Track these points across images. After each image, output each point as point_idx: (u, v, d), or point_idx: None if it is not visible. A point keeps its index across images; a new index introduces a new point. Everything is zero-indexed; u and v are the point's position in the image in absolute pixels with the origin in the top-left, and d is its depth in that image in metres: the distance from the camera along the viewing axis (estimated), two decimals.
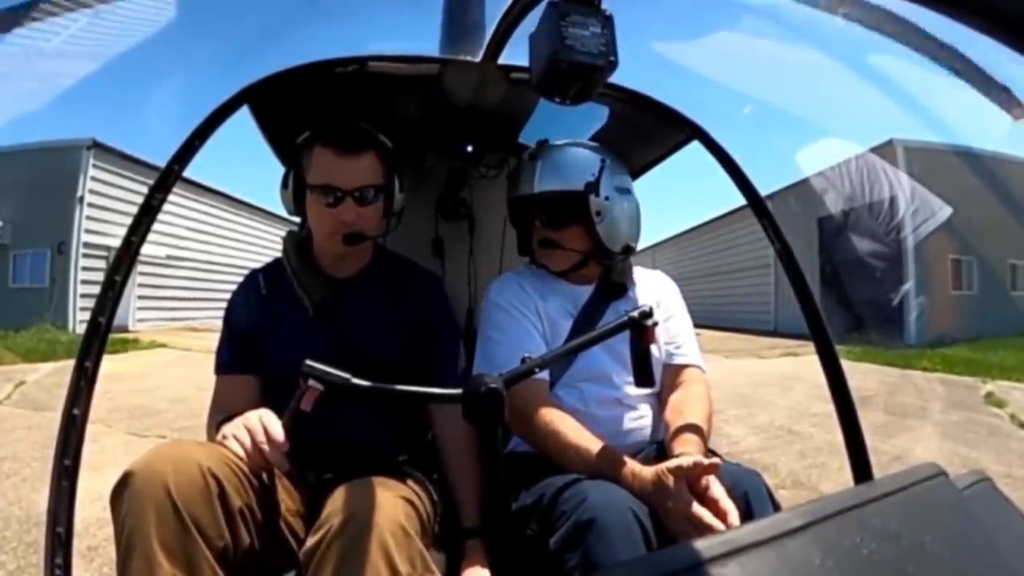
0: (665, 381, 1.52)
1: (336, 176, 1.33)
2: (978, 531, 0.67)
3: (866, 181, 14.12)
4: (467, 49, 1.40)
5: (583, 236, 1.50)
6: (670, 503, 1.08)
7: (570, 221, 1.50)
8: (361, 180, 1.35)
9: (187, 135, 1.28)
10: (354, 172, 1.34)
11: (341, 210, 1.34)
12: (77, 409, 1.19)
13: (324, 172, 1.34)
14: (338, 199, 1.33)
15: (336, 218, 1.34)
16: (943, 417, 6.18)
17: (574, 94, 0.92)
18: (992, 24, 0.32)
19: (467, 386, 1.00)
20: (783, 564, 0.52)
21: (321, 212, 1.36)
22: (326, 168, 1.34)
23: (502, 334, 1.44)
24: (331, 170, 1.33)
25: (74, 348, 1.29)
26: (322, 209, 1.35)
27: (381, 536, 0.97)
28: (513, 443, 1.50)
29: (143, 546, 0.93)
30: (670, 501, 1.08)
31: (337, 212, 1.34)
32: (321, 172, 1.34)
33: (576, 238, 1.50)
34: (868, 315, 13.24)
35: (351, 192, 1.34)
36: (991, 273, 14.93)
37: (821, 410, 5.46)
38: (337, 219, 1.34)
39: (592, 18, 0.83)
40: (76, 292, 14.64)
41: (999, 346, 11.57)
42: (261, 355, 1.38)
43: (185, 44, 66.58)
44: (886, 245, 13.96)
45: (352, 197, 1.34)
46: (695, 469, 1.09)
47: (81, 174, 14.86)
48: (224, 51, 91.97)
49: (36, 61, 1.37)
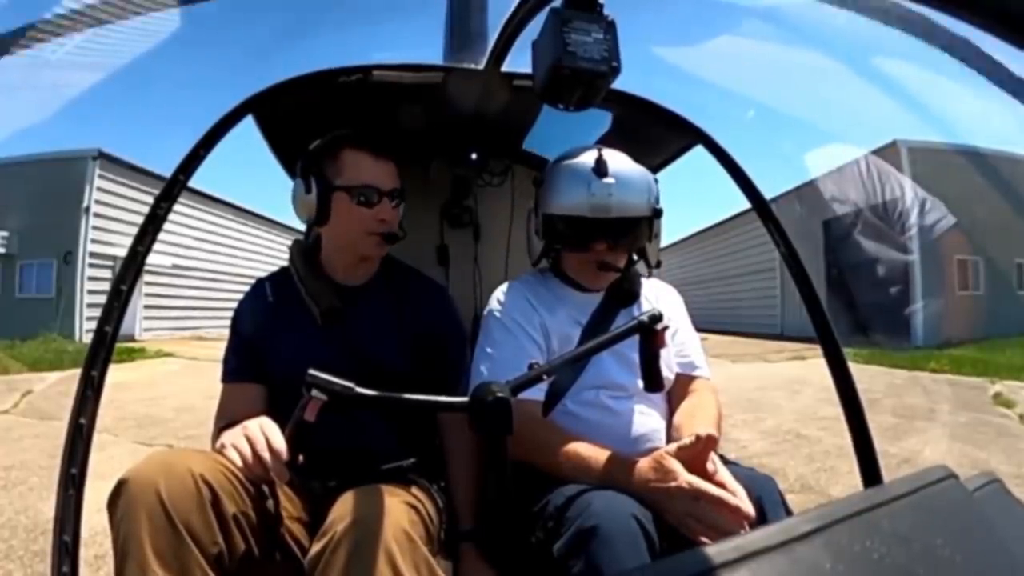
0: (674, 391, 1.51)
1: (374, 177, 1.38)
2: (989, 533, 0.67)
3: (871, 183, 14.11)
4: (470, 57, 1.40)
5: (628, 253, 1.51)
6: (673, 484, 1.07)
7: (631, 242, 1.47)
8: (393, 182, 1.42)
9: (192, 145, 1.29)
10: (388, 174, 1.41)
11: (379, 210, 1.38)
12: (84, 418, 1.19)
13: (362, 173, 1.37)
14: (377, 199, 1.37)
15: (375, 218, 1.38)
16: (952, 418, 6.14)
17: (577, 100, 0.92)
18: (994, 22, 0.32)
19: (473, 394, 0.99)
20: (793, 569, 0.52)
21: (357, 213, 1.37)
22: (364, 169, 1.38)
23: (497, 350, 1.42)
24: (370, 171, 1.38)
25: (81, 357, 1.29)
26: (358, 210, 1.37)
27: (386, 543, 0.97)
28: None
29: (137, 553, 0.94)
30: (672, 483, 1.07)
31: (375, 212, 1.37)
32: (358, 173, 1.37)
33: (624, 256, 1.50)
34: (875, 317, 13.19)
35: (388, 192, 1.39)
36: (998, 273, 14.85)
37: (829, 413, 5.43)
38: (375, 219, 1.38)
39: (594, 24, 0.83)
40: (82, 302, 14.73)
41: (1006, 346, 11.50)
42: (268, 363, 1.38)
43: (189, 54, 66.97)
44: (892, 247, 13.92)
45: (388, 198, 1.39)
46: (696, 445, 1.08)
47: (87, 184, 14.99)
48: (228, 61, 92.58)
49: (42, 72, 1.38)
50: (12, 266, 15.36)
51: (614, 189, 1.38)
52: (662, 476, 1.09)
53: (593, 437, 1.29)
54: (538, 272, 1.62)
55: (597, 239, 1.41)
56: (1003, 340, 12.11)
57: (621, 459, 1.19)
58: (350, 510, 1.02)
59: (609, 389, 1.43)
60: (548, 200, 1.45)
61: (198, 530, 0.98)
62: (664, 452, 1.11)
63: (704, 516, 1.06)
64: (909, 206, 13.91)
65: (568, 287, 1.55)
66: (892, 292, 14.17)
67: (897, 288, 14.24)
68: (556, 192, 1.43)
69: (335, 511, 1.05)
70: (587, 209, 1.38)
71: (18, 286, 15.45)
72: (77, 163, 15.04)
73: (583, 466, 1.21)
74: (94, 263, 14.95)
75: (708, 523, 1.05)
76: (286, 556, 1.17)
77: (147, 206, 1.29)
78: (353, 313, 1.42)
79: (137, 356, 12.01)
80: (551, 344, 1.45)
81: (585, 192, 1.38)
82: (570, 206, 1.40)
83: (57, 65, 1.34)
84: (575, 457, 1.23)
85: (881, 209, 14.38)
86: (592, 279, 1.51)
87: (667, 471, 1.09)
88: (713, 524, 1.05)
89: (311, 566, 0.99)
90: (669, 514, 1.09)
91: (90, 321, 14.08)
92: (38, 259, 15.19)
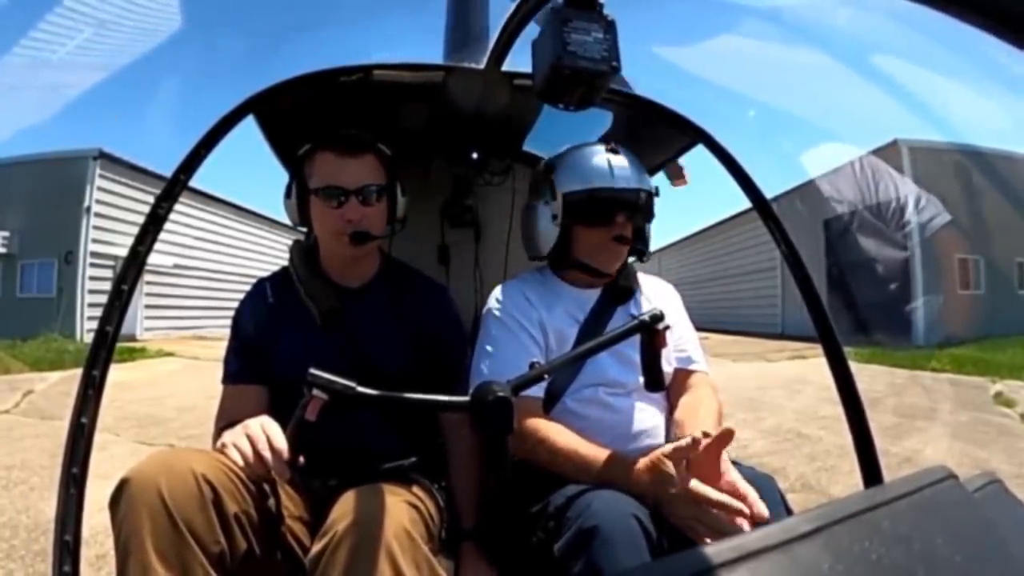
0: (672, 386, 1.51)
1: (339, 176, 1.36)
2: (989, 533, 0.67)
3: (871, 182, 14.10)
4: (471, 56, 1.40)
5: (635, 231, 1.53)
6: (672, 489, 1.07)
7: (643, 215, 1.51)
8: (363, 179, 1.37)
9: (193, 145, 1.29)
10: (356, 171, 1.37)
11: (346, 209, 1.36)
12: (85, 418, 1.19)
13: (327, 174, 1.36)
14: (342, 199, 1.35)
15: (342, 218, 1.36)
16: (952, 418, 6.14)
17: (577, 100, 0.91)
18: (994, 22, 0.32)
19: (474, 394, 0.98)
20: (793, 569, 0.51)
21: (326, 214, 1.37)
22: (329, 170, 1.36)
23: (497, 348, 1.43)
24: (334, 171, 1.36)
25: (82, 357, 1.29)
26: (327, 211, 1.36)
27: (387, 542, 0.97)
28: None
29: (138, 552, 0.94)
30: (671, 487, 1.07)
31: (342, 212, 1.36)
32: (324, 174, 1.37)
33: (631, 232, 1.51)
34: (875, 316, 13.17)
35: (355, 191, 1.36)
36: (998, 272, 14.84)
37: (830, 413, 5.43)
38: (343, 218, 1.36)
39: (594, 24, 0.83)
40: (83, 301, 14.73)
41: (1007, 345, 11.48)
42: (268, 364, 1.39)
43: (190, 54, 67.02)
44: (892, 246, 13.92)
45: (356, 196, 1.36)
46: (693, 447, 1.07)
47: (88, 184, 14.98)
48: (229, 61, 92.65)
49: (42, 72, 1.39)
50: (13, 266, 15.36)
51: (627, 164, 1.46)
52: (659, 481, 1.09)
53: (593, 434, 1.29)
54: (536, 271, 1.63)
55: (616, 211, 1.45)
56: (1004, 339, 12.10)
57: (621, 459, 1.19)
58: (351, 509, 1.02)
59: (608, 386, 1.43)
60: (566, 181, 1.47)
61: (200, 529, 0.98)
62: (660, 455, 1.11)
63: (707, 520, 1.06)
64: (910, 205, 13.90)
65: (566, 284, 1.56)
66: (893, 291, 14.16)
67: (898, 287, 14.23)
68: (576, 170, 1.47)
69: (336, 510, 1.05)
70: (610, 179, 1.44)
71: (19, 286, 15.45)
72: (78, 163, 15.03)
73: (583, 465, 1.21)
74: (95, 263, 14.95)
75: (712, 527, 1.05)
76: (287, 555, 1.17)
77: (148, 206, 1.29)
78: (353, 313, 1.42)
79: (138, 356, 12.01)
80: (549, 341, 1.46)
81: (606, 165, 1.45)
82: (593, 180, 1.45)
83: (57, 65, 1.34)
84: (575, 456, 1.23)
85: (882, 208, 14.38)
86: (608, 259, 1.50)
87: (664, 476, 1.08)
88: (717, 528, 1.05)
89: (312, 565, 0.99)
90: (673, 517, 1.09)
91: (91, 321, 14.08)
92: (39, 259, 15.18)
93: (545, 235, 1.53)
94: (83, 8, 10.55)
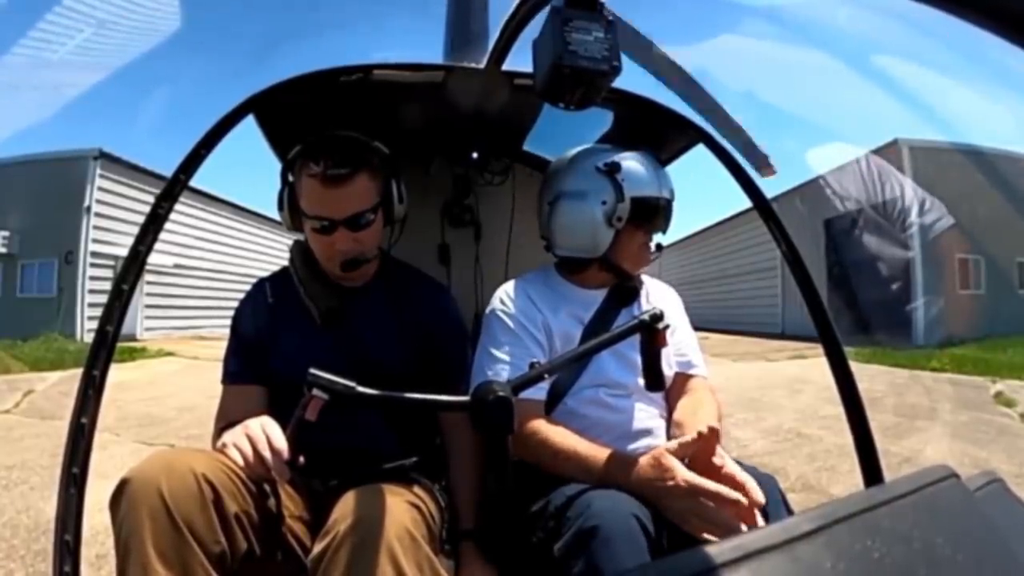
0: (671, 389, 1.52)
1: (325, 207, 1.32)
2: (990, 532, 0.67)
3: (872, 182, 14.09)
4: (471, 56, 1.40)
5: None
6: (671, 483, 1.07)
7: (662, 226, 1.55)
8: (351, 208, 1.32)
9: (193, 145, 1.29)
10: (343, 201, 1.31)
11: (335, 239, 1.33)
12: (85, 417, 1.19)
13: (314, 203, 1.33)
14: (329, 229, 1.33)
15: (331, 246, 1.34)
16: (953, 417, 6.14)
17: (578, 100, 0.91)
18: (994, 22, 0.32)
19: (475, 394, 0.98)
20: (794, 568, 0.51)
21: (316, 239, 1.36)
22: (315, 199, 1.32)
23: (499, 348, 1.42)
24: (321, 202, 1.32)
25: (82, 357, 1.29)
26: (317, 236, 1.35)
27: (388, 542, 0.97)
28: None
29: (138, 552, 0.94)
30: (671, 481, 1.07)
31: (331, 240, 1.33)
32: (311, 203, 1.33)
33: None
34: (876, 316, 13.17)
35: (342, 221, 1.32)
36: (999, 272, 14.84)
37: (830, 412, 5.43)
38: (332, 247, 1.34)
39: (595, 23, 0.83)
40: (84, 301, 14.73)
41: (1008, 345, 11.48)
42: (268, 364, 1.38)
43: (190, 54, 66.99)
44: (893, 245, 13.91)
45: (345, 225, 1.33)
46: (697, 441, 1.08)
47: (88, 184, 14.97)
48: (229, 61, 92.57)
49: (42, 72, 1.39)
50: (13, 266, 15.36)
51: (656, 170, 1.51)
52: (661, 474, 1.09)
53: (593, 434, 1.29)
54: (539, 270, 1.62)
55: (661, 217, 1.52)
56: (1004, 339, 12.10)
57: (621, 458, 1.19)
58: (352, 509, 1.02)
59: (608, 387, 1.43)
60: (634, 185, 1.47)
61: (200, 529, 0.98)
62: (663, 449, 1.12)
63: (705, 513, 1.06)
64: (910, 205, 13.89)
65: (572, 284, 1.55)
66: (893, 291, 14.16)
67: (898, 287, 14.23)
68: (641, 176, 1.48)
69: (337, 510, 1.05)
70: (659, 186, 1.50)
71: (19, 286, 15.45)
72: (78, 163, 15.02)
73: (584, 465, 1.21)
74: (95, 263, 14.94)
75: (709, 520, 1.05)
76: (288, 555, 1.17)
77: (148, 206, 1.29)
78: (353, 313, 1.42)
79: (138, 355, 12.01)
80: (553, 343, 1.45)
81: (660, 174, 1.51)
82: (654, 188, 1.49)
83: (57, 65, 1.34)
84: (576, 456, 1.23)
85: (882, 208, 14.37)
86: (643, 262, 1.55)
87: (665, 468, 1.09)
88: (714, 520, 1.05)
89: (313, 565, 0.99)
90: (671, 512, 1.09)
91: (91, 321, 14.08)
92: (39, 259, 15.18)
93: (599, 235, 1.48)
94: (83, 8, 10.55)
